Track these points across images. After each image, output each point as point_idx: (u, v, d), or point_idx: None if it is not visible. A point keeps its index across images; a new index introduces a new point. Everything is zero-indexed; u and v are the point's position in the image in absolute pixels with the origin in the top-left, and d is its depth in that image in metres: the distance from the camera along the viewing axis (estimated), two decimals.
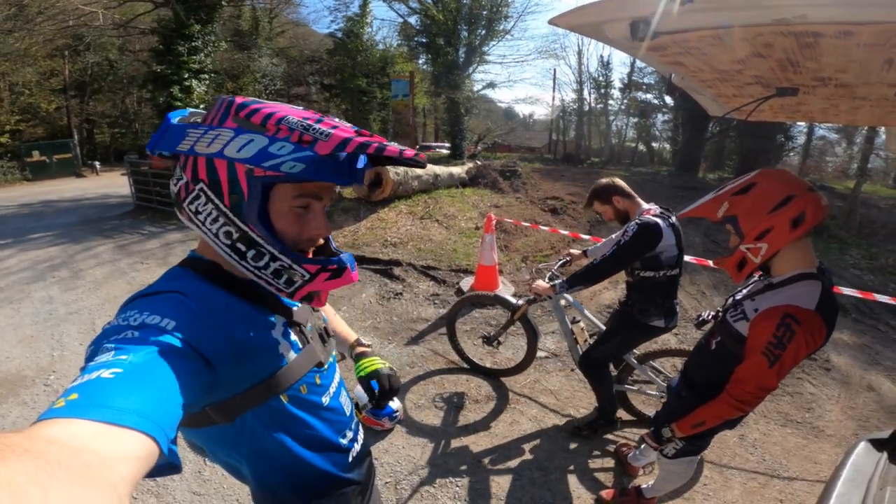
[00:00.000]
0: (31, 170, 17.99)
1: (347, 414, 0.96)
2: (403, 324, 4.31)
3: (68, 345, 3.89)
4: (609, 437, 2.77)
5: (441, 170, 9.35)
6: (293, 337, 0.81)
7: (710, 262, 3.82)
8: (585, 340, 2.82)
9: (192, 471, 2.43)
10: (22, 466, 0.32)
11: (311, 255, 0.78)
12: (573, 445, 2.68)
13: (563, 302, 2.87)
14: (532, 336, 3.03)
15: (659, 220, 2.18)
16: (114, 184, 14.72)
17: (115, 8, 13.05)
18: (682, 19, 0.76)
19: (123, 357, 0.52)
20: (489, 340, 3.14)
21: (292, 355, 0.79)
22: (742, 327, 1.42)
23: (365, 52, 17.74)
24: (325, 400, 0.88)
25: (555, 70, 42.41)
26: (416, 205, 7.95)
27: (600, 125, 32.36)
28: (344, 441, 0.93)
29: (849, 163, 23.94)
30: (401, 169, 8.00)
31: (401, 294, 4.98)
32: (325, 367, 0.89)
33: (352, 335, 1.17)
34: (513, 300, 3.00)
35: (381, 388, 1.05)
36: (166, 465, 0.49)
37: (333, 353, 0.97)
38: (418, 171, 8.55)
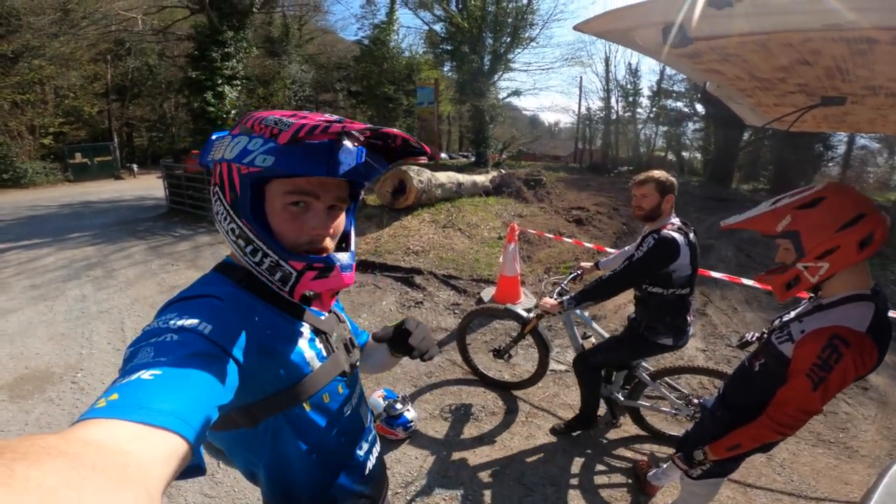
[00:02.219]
0: (72, 171, 18.82)
1: (366, 425, 0.97)
2: None
3: (97, 343, 3.99)
4: (626, 454, 2.68)
5: (464, 178, 9.34)
6: (318, 345, 0.83)
7: (744, 281, 3.67)
8: None
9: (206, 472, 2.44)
10: (55, 468, 0.32)
11: None
12: (588, 461, 2.61)
13: (573, 317, 2.80)
14: (543, 350, 2.96)
15: (677, 237, 2.10)
16: (149, 186, 15.23)
17: (153, 14, 13.63)
18: (721, 24, 0.70)
19: (163, 359, 0.54)
20: (500, 353, 3.08)
21: (317, 364, 0.81)
22: (787, 349, 1.34)
23: (391, 59, 17.95)
24: (346, 410, 0.89)
25: (581, 78, 42.11)
26: (438, 213, 7.95)
27: (628, 134, 31.78)
28: (360, 453, 0.94)
29: (890, 173, 22.78)
30: (424, 177, 8.03)
31: (421, 303, 4.96)
32: (349, 376, 0.90)
33: None
34: (524, 314, 2.94)
35: (406, 330, 0.97)
36: (193, 467, 0.51)
37: (357, 364, 0.97)
38: (441, 178, 8.56)
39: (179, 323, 0.61)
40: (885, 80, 0.90)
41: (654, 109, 29.14)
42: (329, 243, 0.77)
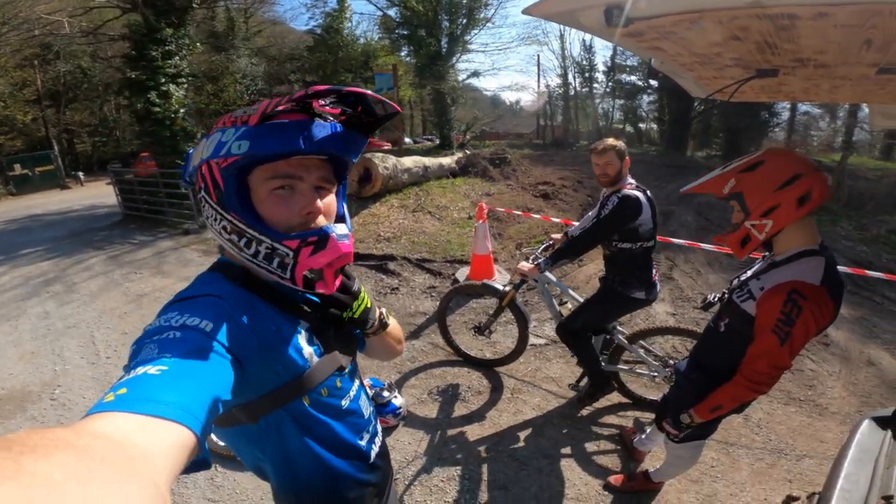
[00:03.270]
0: (13, 184, 17.70)
1: (366, 416, 0.99)
2: (401, 319, 4.32)
3: (70, 359, 3.88)
4: (611, 421, 2.80)
5: (430, 161, 9.32)
6: (316, 341, 0.84)
7: (703, 245, 3.87)
8: None
9: (205, 477, 2.44)
10: (63, 462, 0.32)
11: None
12: (578, 432, 2.71)
13: (548, 285, 2.88)
14: (522, 322, 3.04)
15: (638, 194, 2.30)
16: (100, 194, 14.54)
17: (80, 16, 12.73)
18: (657, 4, 0.76)
19: (168, 355, 0.55)
20: (480, 330, 3.15)
21: (315, 359, 0.82)
22: (749, 307, 1.42)
23: (346, 47, 17.48)
24: (345, 403, 0.91)
25: (538, 56, 42.36)
26: (407, 198, 7.94)
27: (587, 108, 32.27)
28: (363, 443, 0.96)
29: (833, 136, 24.08)
30: (389, 163, 7.97)
31: (397, 289, 4.99)
32: (346, 370, 0.91)
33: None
34: (500, 287, 3.01)
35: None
36: (199, 461, 0.52)
37: (353, 358, 0.99)
38: (407, 163, 8.52)
39: (181, 321, 0.62)
40: (811, 53, 0.98)
41: (609, 84, 29.65)
42: (323, 222, 0.77)
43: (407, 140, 21.04)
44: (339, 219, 0.83)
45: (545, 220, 6.33)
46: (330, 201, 0.79)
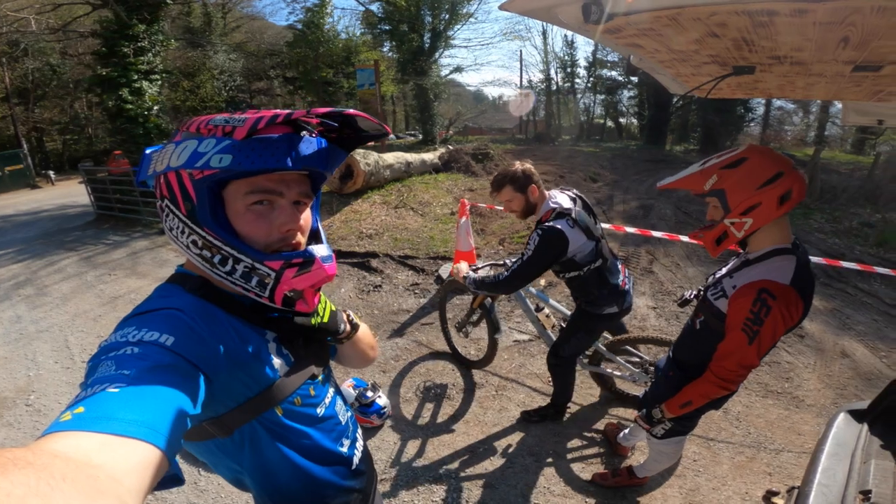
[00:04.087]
0: None
1: (344, 422, 0.96)
2: (385, 316, 4.29)
3: (43, 364, 3.78)
4: (596, 418, 2.82)
5: (413, 157, 9.26)
6: (286, 350, 0.81)
7: (683, 238, 3.92)
8: (553, 326, 2.80)
9: (188, 482, 2.39)
10: (23, 478, 0.32)
11: None
12: (563, 429, 2.72)
13: (523, 291, 2.81)
14: (491, 328, 2.98)
15: (560, 226, 2.03)
16: (71, 193, 14.10)
17: (48, 12, 12.28)
18: (634, 1, 0.74)
19: (126, 372, 0.52)
20: (459, 326, 3.14)
21: (285, 368, 0.80)
22: (722, 305, 1.43)
23: (327, 42, 17.23)
24: (320, 410, 0.89)
25: (521, 51, 42.38)
26: (389, 194, 7.87)
27: (569, 103, 32.51)
28: (343, 449, 0.94)
29: (806, 131, 24.78)
30: (371, 159, 7.89)
31: (380, 286, 4.95)
32: (320, 377, 0.89)
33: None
34: None
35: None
36: (170, 478, 0.51)
37: (327, 365, 0.97)
38: (389, 159, 8.44)
39: (139, 336, 0.59)
40: (788, 50, 0.98)
41: (591, 79, 29.89)
42: (301, 239, 0.75)
43: (393, 136, 20.92)
44: (314, 233, 0.82)
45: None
46: (307, 216, 0.77)
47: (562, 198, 2.16)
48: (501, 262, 2.76)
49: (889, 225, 7.42)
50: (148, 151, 0.73)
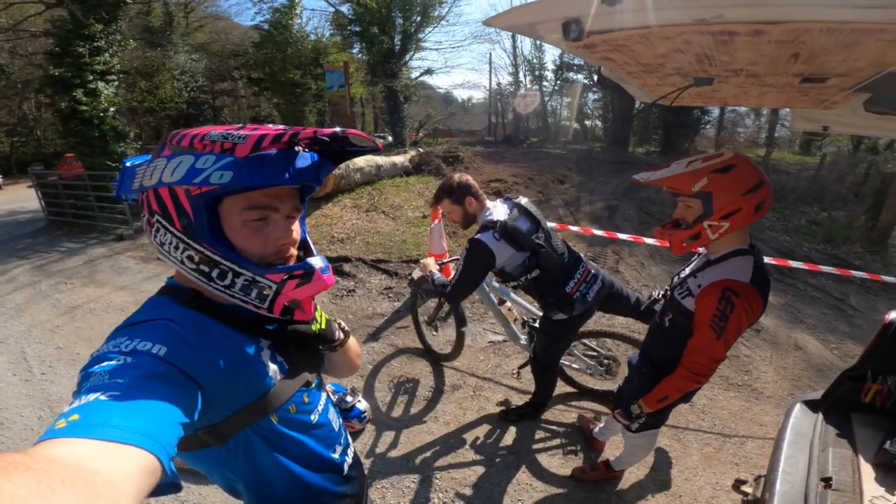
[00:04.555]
0: None
1: (336, 429, 0.98)
2: (360, 321, 4.26)
3: (2, 376, 3.60)
4: (571, 413, 2.90)
5: (383, 160, 9.22)
6: (280, 357, 0.82)
7: (648, 240, 4.08)
8: (515, 319, 2.89)
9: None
10: (25, 481, 0.33)
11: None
12: (541, 426, 2.78)
13: (487, 286, 2.88)
14: (458, 321, 3.08)
15: (485, 239, 2.05)
16: (20, 198, 13.33)
17: None
18: (611, 20, 0.79)
19: (119, 381, 0.53)
20: (429, 322, 3.18)
21: (280, 376, 0.80)
22: (689, 303, 1.50)
23: (295, 43, 16.90)
24: (314, 417, 0.90)
25: (490, 54, 43.01)
26: (360, 198, 7.82)
27: (536, 106, 33.10)
28: (335, 456, 0.95)
29: (758, 133, 26.18)
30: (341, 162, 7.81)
31: (353, 291, 4.92)
32: (313, 385, 0.91)
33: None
34: (446, 280, 3.05)
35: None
36: (167, 485, 0.51)
37: (318, 372, 0.98)
38: (359, 163, 8.38)
39: (132, 346, 0.60)
40: (744, 64, 1.07)
41: (558, 82, 30.57)
42: (293, 251, 0.78)
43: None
44: (303, 243, 0.84)
45: None
46: (297, 228, 0.79)
47: (498, 209, 2.17)
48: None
49: (835, 223, 7.95)
50: (129, 164, 0.73)
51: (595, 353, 2.81)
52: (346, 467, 0.98)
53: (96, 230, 8.30)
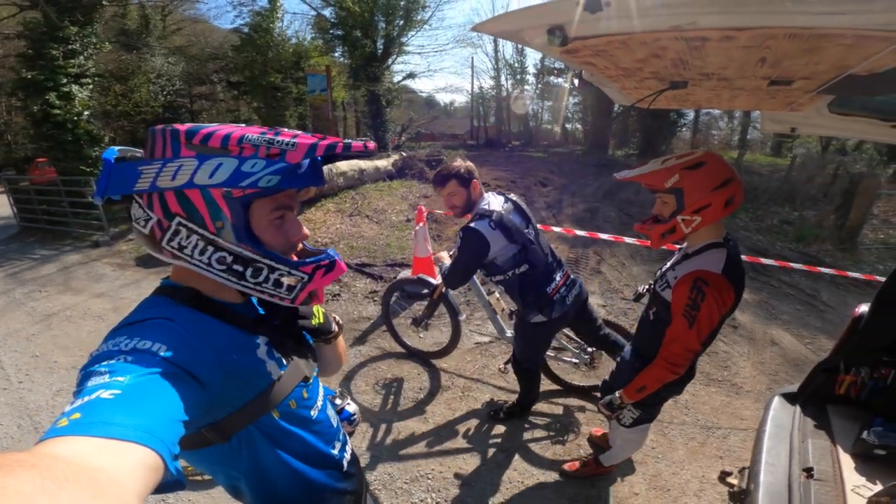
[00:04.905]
0: None
1: (335, 425, 1.00)
2: (346, 325, 4.24)
3: None
4: (555, 409, 2.96)
5: (366, 164, 9.21)
6: (277, 354, 0.83)
7: (626, 239, 4.18)
8: (503, 310, 2.95)
9: (155, 500, 2.25)
10: (29, 478, 0.33)
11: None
12: (529, 424, 2.82)
13: (475, 278, 2.91)
14: (453, 313, 3.14)
15: (480, 227, 2.08)
16: None
17: None
18: (593, 27, 0.84)
19: (120, 379, 0.53)
20: (417, 322, 3.20)
21: (279, 372, 0.81)
22: (668, 295, 1.56)
23: (276, 47, 16.73)
24: (314, 413, 0.92)
25: (472, 58, 43.20)
26: (343, 202, 7.80)
27: (518, 109, 33.43)
28: (335, 452, 0.97)
29: (731, 135, 26.95)
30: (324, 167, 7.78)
31: (339, 295, 4.91)
32: (311, 381, 0.92)
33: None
34: (433, 281, 3.11)
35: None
36: (171, 482, 0.51)
37: (316, 367, 0.99)
38: (342, 167, 8.36)
39: (132, 345, 0.60)
40: (715, 69, 1.13)
41: (539, 86, 30.96)
42: (300, 245, 0.84)
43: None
44: None
45: None
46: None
47: (494, 200, 2.23)
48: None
49: (805, 222, 8.22)
50: (114, 161, 0.69)
51: (578, 343, 2.87)
52: (345, 463, 1.00)
53: (70, 236, 8.09)
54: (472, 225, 2.11)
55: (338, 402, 2.82)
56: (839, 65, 0.99)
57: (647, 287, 1.89)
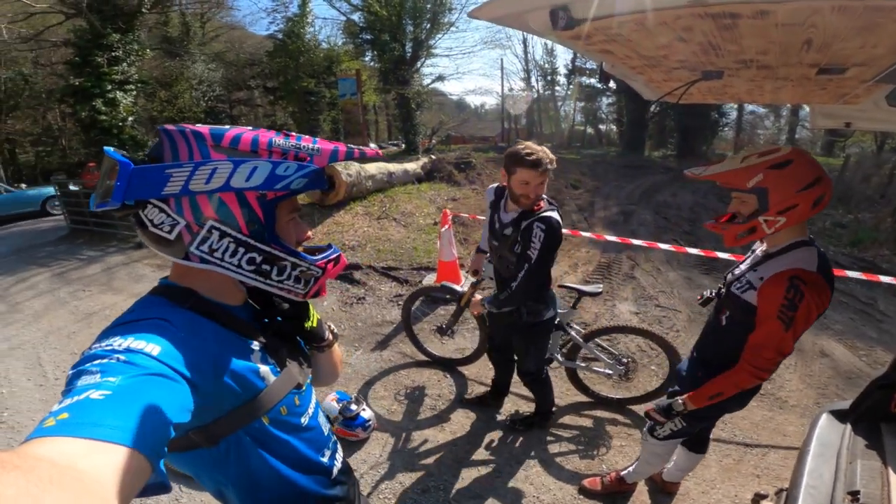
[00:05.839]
0: None
1: (326, 433, 0.99)
2: (368, 329, 4.23)
3: (16, 381, 3.67)
4: (578, 421, 2.82)
5: (395, 167, 9.24)
6: (271, 360, 0.83)
7: (661, 245, 3.95)
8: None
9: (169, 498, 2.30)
10: (12, 480, 0.32)
11: None
12: (548, 436, 2.71)
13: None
14: (482, 322, 3.05)
15: (557, 216, 2.03)
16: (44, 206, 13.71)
17: (19, 21, 12.01)
18: (600, 5, 0.74)
19: (111, 380, 0.52)
20: (443, 331, 3.14)
21: (272, 378, 0.81)
22: (750, 297, 1.46)
23: (308, 52, 17.17)
24: (305, 420, 0.91)
25: (502, 60, 43.04)
26: (371, 205, 7.83)
27: (550, 111, 32.99)
28: (324, 459, 0.96)
29: (778, 134, 25.59)
30: (353, 170, 7.85)
31: (363, 298, 4.90)
32: (303, 388, 0.91)
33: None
34: (458, 288, 3.04)
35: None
36: (156, 485, 0.51)
37: (309, 375, 0.98)
38: (371, 170, 8.41)
39: (125, 345, 0.58)
40: (753, 54, 1.00)
41: (570, 86, 30.41)
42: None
43: (372, 145, 20.94)
44: None
45: None
46: None
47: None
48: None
49: (861, 225, 7.66)
50: (170, 169, 0.66)
51: (612, 353, 2.73)
52: (334, 471, 0.99)
53: (116, 238, 8.48)
54: (547, 215, 1.99)
55: (353, 407, 2.82)
56: None
57: (715, 291, 1.76)
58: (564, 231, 2.45)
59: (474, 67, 76.36)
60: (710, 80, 1.28)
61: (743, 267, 1.60)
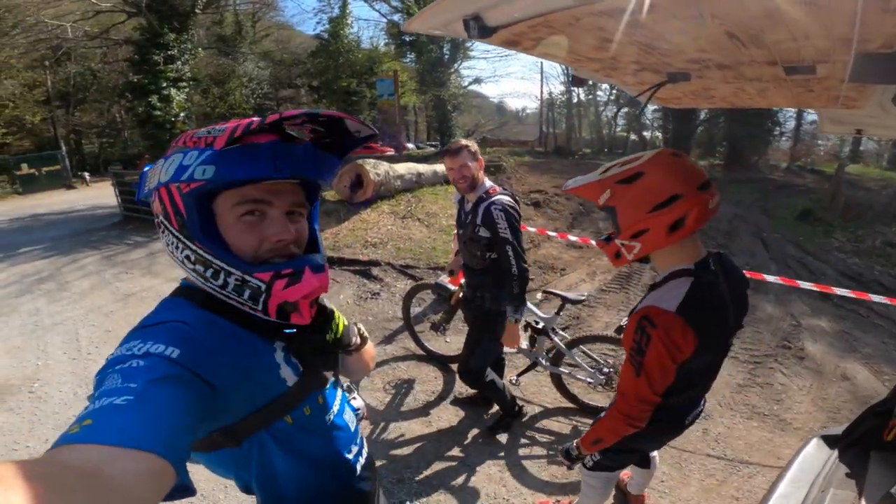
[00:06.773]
0: (21, 183, 17.89)
1: (352, 430, 0.96)
2: (379, 323, 4.33)
3: (52, 354, 3.98)
4: (558, 426, 2.81)
5: (424, 168, 9.35)
6: (294, 360, 0.81)
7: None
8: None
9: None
10: (35, 492, 0.33)
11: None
12: (525, 439, 2.70)
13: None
14: None
15: (507, 198, 2.19)
16: (103, 195, 14.62)
17: (86, 19, 13.02)
18: (504, 11, 0.75)
19: (132, 385, 0.53)
20: (436, 327, 3.18)
21: (294, 378, 0.79)
22: None
23: (347, 52, 17.66)
24: (329, 418, 0.89)
25: (542, 63, 42.38)
26: (398, 204, 7.96)
27: (590, 116, 32.23)
28: (350, 456, 0.94)
29: (841, 146, 23.85)
30: (381, 169, 8.01)
31: (378, 294, 5.00)
32: (328, 386, 0.89)
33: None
34: (451, 286, 3.05)
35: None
36: (180, 487, 0.51)
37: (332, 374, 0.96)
38: (400, 170, 8.55)
39: (145, 349, 0.60)
40: (693, 52, 0.95)
41: (613, 91, 29.59)
42: (295, 250, 0.75)
43: (410, 145, 21.24)
44: (312, 243, 0.81)
45: (540, 234, 6.25)
46: (301, 227, 0.77)
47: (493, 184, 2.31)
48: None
49: None
50: (146, 169, 0.74)
51: (595, 361, 2.69)
52: (359, 468, 0.96)
53: None
54: (497, 198, 2.15)
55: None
56: (840, 37, 0.79)
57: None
58: (574, 238, 2.49)
59: (512, 70, 75.98)
60: (677, 81, 1.25)
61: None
